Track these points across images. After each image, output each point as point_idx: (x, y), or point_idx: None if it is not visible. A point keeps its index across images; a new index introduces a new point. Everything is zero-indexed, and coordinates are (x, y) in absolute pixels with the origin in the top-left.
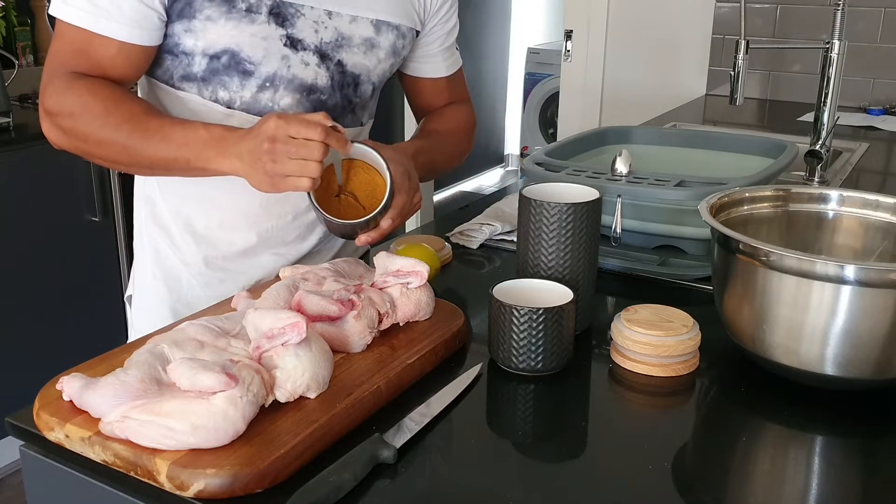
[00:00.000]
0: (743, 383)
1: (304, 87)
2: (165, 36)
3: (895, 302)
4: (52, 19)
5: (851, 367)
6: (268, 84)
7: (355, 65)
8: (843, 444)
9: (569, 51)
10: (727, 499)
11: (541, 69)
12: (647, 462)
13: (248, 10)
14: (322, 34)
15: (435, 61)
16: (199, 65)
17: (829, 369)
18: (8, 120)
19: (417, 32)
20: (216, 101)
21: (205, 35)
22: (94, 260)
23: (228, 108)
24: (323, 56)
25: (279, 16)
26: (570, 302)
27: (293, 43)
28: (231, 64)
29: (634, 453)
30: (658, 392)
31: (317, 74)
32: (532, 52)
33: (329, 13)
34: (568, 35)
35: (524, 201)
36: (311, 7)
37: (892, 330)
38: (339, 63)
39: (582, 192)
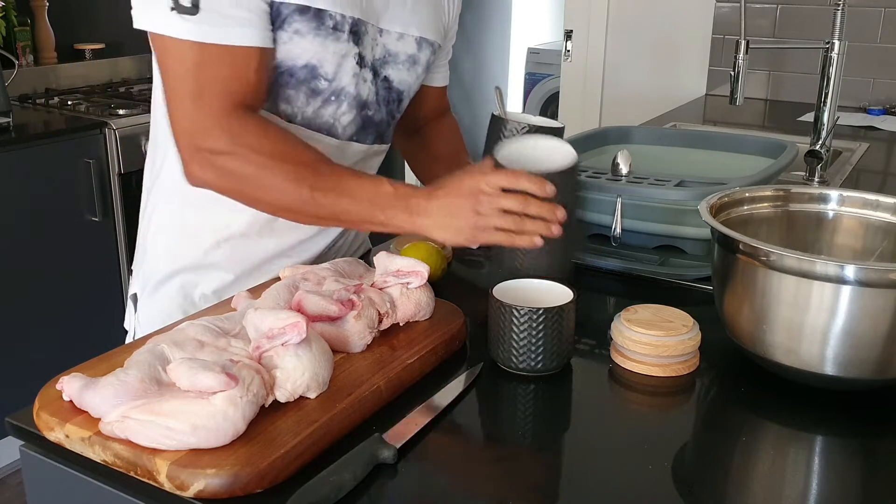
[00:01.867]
0: (743, 383)
1: (361, 102)
2: None
3: (895, 302)
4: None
5: (851, 367)
6: (333, 98)
7: (401, 81)
8: (843, 444)
9: (569, 51)
10: (727, 499)
11: (541, 69)
12: (647, 462)
13: (335, 28)
14: (375, 51)
15: (442, 71)
16: (272, 76)
17: (829, 369)
18: (8, 120)
19: (439, 46)
20: (276, 113)
21: (289, 48)
22: (94, 260)
23: (289, 121)
24: (375, 72)
25: (356, 34)
26: (570, 302)
27: (361, 60)
28: (307, 79)
29: (634, 453)
30: (658, 392)
31: (370, 91)
32: (532, 52)
33: (381, 31)
34: (568, 35)
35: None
36: (372, 24)
37: (893, 330)
38: (386, 79)
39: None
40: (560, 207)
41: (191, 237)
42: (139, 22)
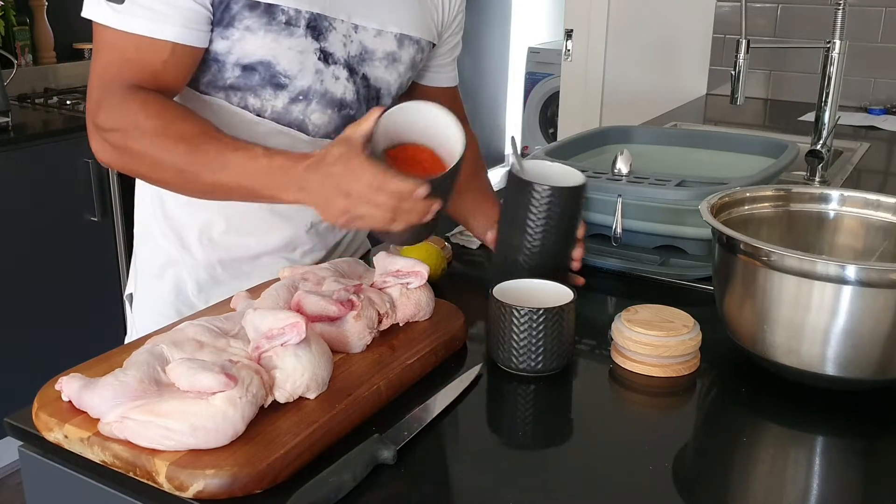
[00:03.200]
0: (743, 383)
1: (335, 101)
2: None
3: None
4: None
5: (852, 367)
6: (301, 97)
7: (377, 79)
8: (843, 444)
9: (569, 50)
10: (727, 499)
11: (541, 69)
12: (647, 462)
13: (288, 23)
14: (349, 48)
15: (446, 71)
16: (231, 73)
17: (830, 369)
18: (7, 120)
19: (433, 45)
20: (245, 107)
21: (241, 45)
22: (94, 260)
23: (259, 115)
24: (351, 70)
25: (315, 29)
26: (570, 302)
27: (325, 57)
28: (266, 76)
29: (634, 453)
30: (658, 392)
31: (345, 89)
32: (532, 52)
33: (356, 27)
34: (568, 35)
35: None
36: (342, 20)
37: (893, 330)
38: (364, 77)
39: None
40: (437, 201)
41: (175, 234)
42: (83, 12)
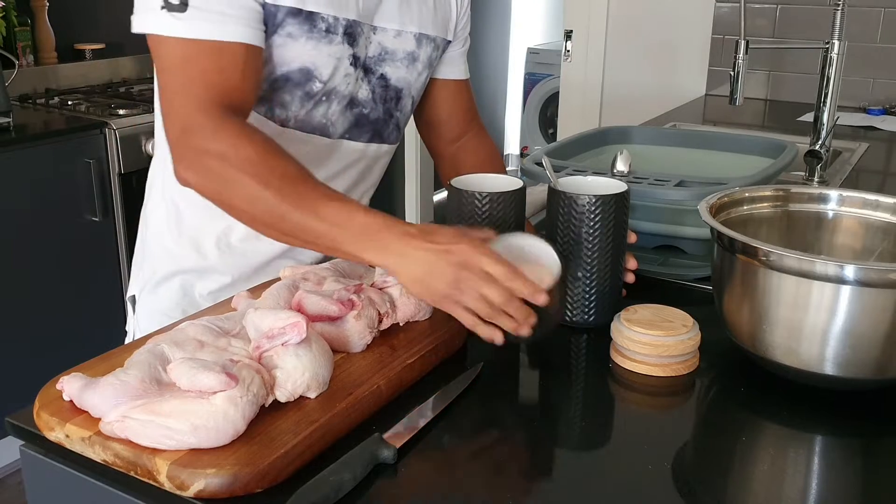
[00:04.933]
0: (743, 383)
1: (351, 99)
2: None
3: (895, 302)
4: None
5: (851, 367)
6: (324, 98)
7: (399, 79)
8: (843, 444)
9: (569, 51)
10: (727, 499)
11: (541, 69)
12: (647, 462)
13: (328, 31)
14: (368, 49)
15: (456, 64)
16: (264, 82)
17: (829, 369)
18: (8, 120)
19: (448, 42)
20: (272, 118)
21: (282, 52)
22: (94, 260)
23: (282, 125)
24: (366, 70)
25: (351, 36)
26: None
27: (356, 61)
28: (301, 82)
29: (634, 453)
30: (658, 392)
31: (358, 87)
32: (532, 52)
33: (375, 28)
34: (568, 35)
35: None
36: (367, 24)
37: (892, 330)
38: (383, 77)
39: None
40: (534, 315)
41: (190, 240)
42: (136, 26)
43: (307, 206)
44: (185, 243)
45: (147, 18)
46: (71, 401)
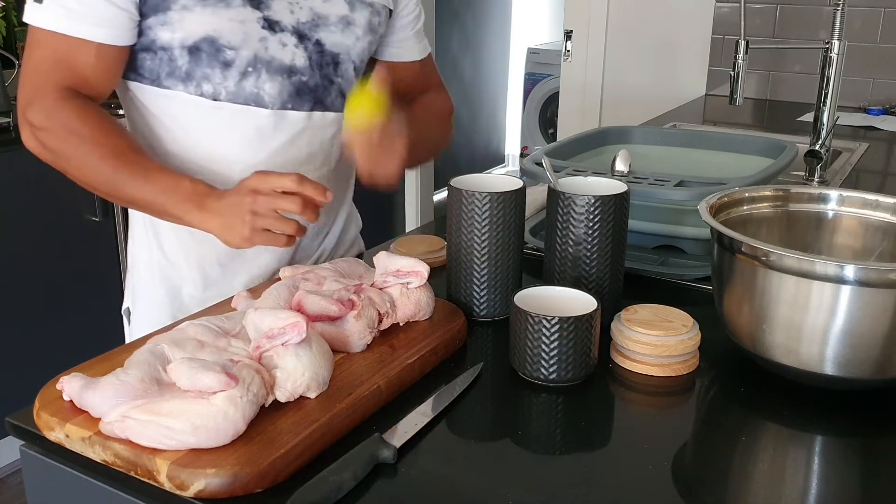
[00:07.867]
0: (743, 383)
1: (284, 68)
2: (140, 34)
3: (895, 302)
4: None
5: (851, 367)
6: (250, 69)
7: (334, 44)
8: (843, 444)
9: (569, 51)
10: (727, 499)
11: (541, 69)
12: (647, 462)
13: None
14: (298, 14)
15: (409, 45)
16: (181, 59)
17: (829, 369)
18: (8, 120)
19: (390, 11)
20: (202, 94)
21: (182, 26)
22: (94, 260)
23: (215, 100)
24: (301, 36)
25: None
26: (595, 310)
27: (271, 25)
28: (211, 52)
29: (634, 453)
30: (658, 392)
31: (294, 55)
32: (532, 52)
33: None
34: (568, 35)
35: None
36: None
37: (892, 330)
38: (318, 42)
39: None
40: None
41: (167, 253)
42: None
43: (139, 176)
44: (161, 258)
45: (28, 10)
46: (71, 401)
